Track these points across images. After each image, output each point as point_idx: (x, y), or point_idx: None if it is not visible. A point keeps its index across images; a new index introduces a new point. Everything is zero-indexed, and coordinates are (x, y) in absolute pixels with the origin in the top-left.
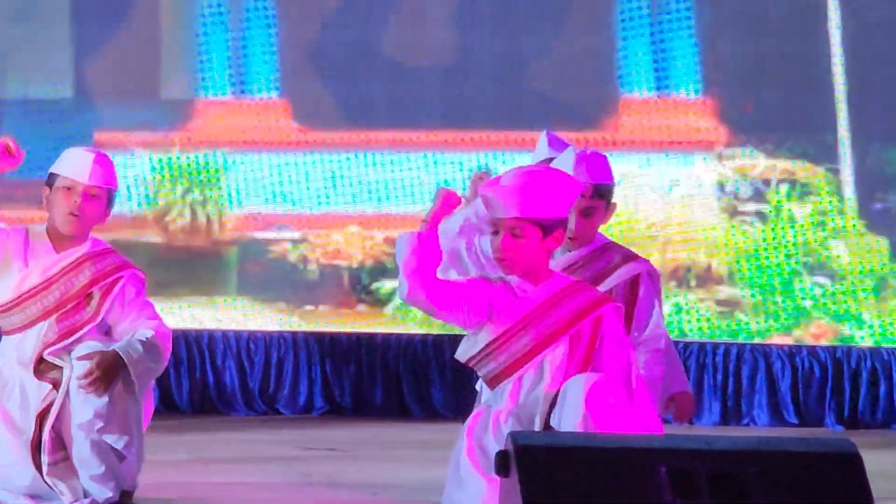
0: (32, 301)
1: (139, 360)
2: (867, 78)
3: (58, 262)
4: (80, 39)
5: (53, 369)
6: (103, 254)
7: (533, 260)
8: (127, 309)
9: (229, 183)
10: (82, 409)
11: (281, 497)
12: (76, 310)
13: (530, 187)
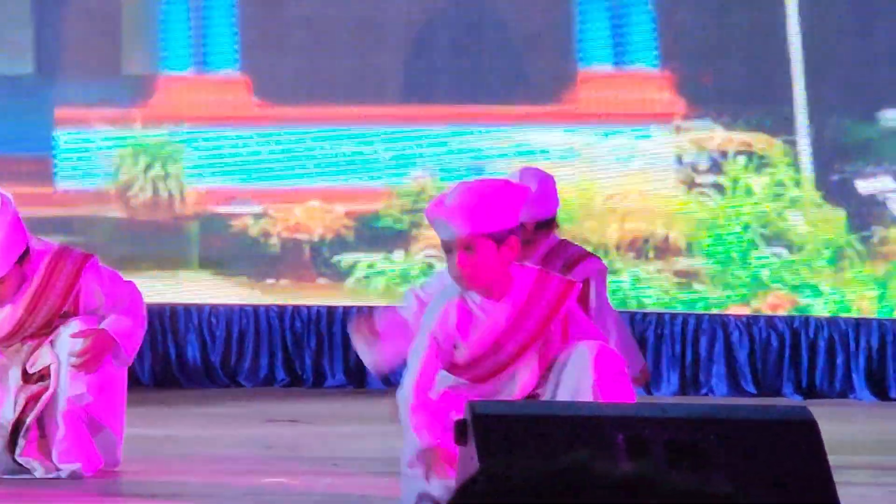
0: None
1: (129, 332)
2: (824, 50)
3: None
4: (41, 15)
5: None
6: (49, 277)
7: (491, 272)
8: (103, 298)
9: (191, 158)
10: (74, 384)
11: (244, 468)
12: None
13: (476, 202)
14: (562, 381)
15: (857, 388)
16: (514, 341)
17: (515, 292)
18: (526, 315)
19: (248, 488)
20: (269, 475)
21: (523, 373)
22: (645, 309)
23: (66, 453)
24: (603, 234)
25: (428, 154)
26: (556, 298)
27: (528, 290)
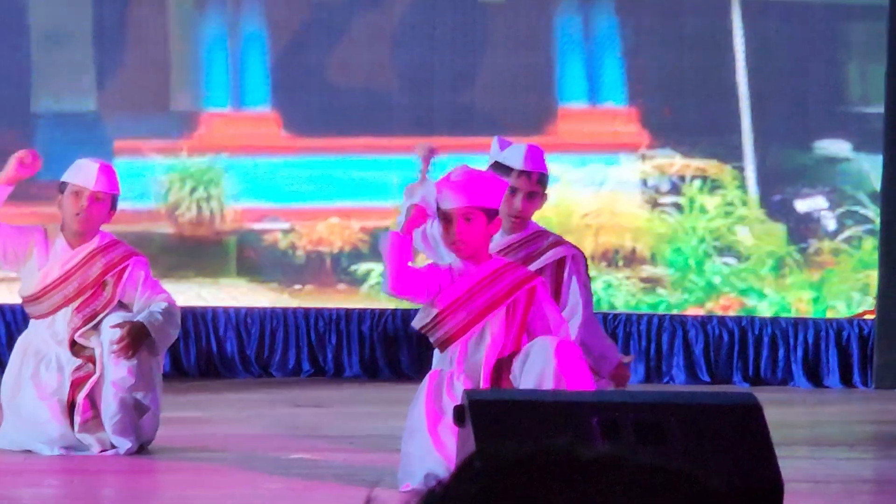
0: (55, 291)
1: (161, 328)
2: (767, 88)
3: (73, 256)
4: (102, 61)
5: (86, 348)
6: (111, 245)
7: (480, 242)
8: (141, 289)
9: (229, 182)
10: (116, 370)
11: (274, 445)
12: (94, 297)
13: (475, 181)
14: (526, 369)
15: (796, 377)
16: (482, 296)
17: (491, 262)
18: (496, 279)
19: (277, 462)
20: (296, 451)
21: (492, 329)
22: (615, 310)
23: (118, 431)
24: (580, 246)
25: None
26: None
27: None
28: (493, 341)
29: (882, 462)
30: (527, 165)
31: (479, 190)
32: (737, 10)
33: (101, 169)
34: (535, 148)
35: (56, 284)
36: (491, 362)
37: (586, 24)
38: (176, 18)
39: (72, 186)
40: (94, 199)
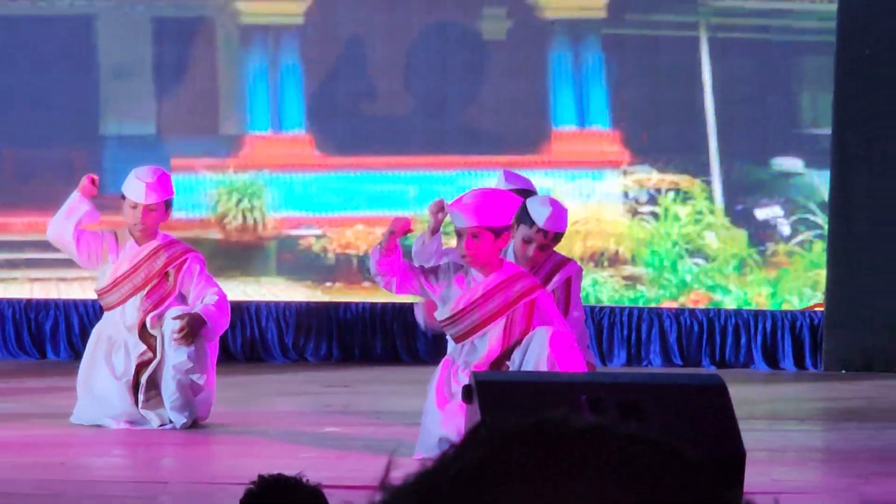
0: (125, 282)
1: (215, 318)
2: (731, 113)
3: (140, 252)
4: (160, 91)
5: (151, 336)
6: (172, 243)
7: (487, 256)
8: (196, 280)
9: (269, 195)
10: (177, 354)
11: (309, 420)
12: (159, 285)
13: (483, 203)
14: (526, 355)
15: (756, 361)
16: (485, 308)
17: (500, 273)
18: (498, 292)
19: (312, 434)
20: (328, 425)
21: (491, 336)
22: (601, 304)
23: (176, 408)
24: (571, 249)
25: (442, 191)
26: (524, 291)
27: (506, 276)
28: (492, 342)
29: (829, 433)
30: (547, 225)
31: (486, 211)
32: (705, 47)
33: (149, 186)
34: (560, 209)
35: (125, 276)
36: (490, 359)
37: (576, 58)
38: (223, 55)
39: (128, 200)
40: (147, 210)
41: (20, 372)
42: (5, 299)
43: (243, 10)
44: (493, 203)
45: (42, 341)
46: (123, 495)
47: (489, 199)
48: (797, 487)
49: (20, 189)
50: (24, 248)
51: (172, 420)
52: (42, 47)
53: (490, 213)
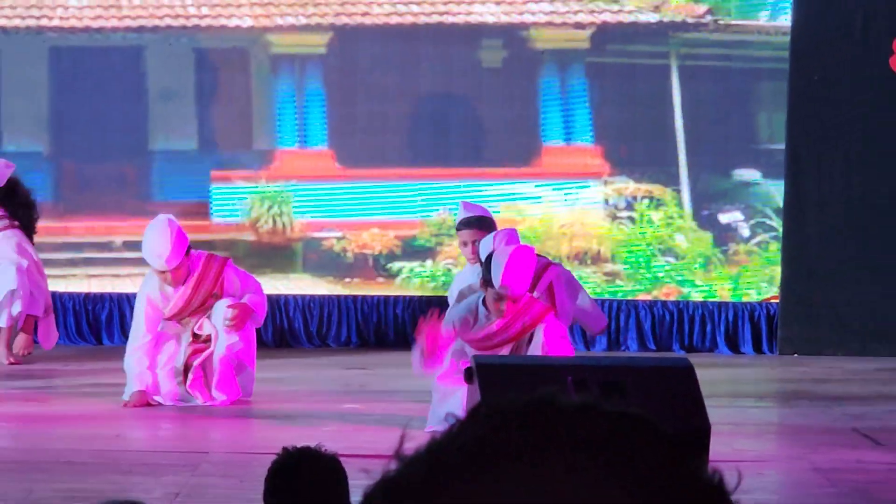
0: (179, 315)
1: (259, 307)
2: (698, 131)
3: (184, 291)
4: (201, 112)
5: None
6: (205, 269)
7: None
8: (239, 283)
9: (297, 202)
10: (229, 337)
11: (331, 399)
12: (209, 306)
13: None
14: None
15: (720, 346)
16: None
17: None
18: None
19: (333, 412)
20: (347, 403)
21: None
22: None
23: (219, 388)
24: (559, 249)
25: (446, 198)
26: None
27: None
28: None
29: (783, 409)
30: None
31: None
32: (675, 74)
33: (167, 258)
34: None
35: (180, 311)
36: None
37: (563, 83)
38: (256, 80)
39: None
40: (173, 271)
41: (80, 356)
42: (67, 293)
43: (273, 42)
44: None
45: (98, 329)
46: (170, 463)
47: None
48: (756, 456)
49: (80, 198)
50: (83, 248)
51: (215, 397)
52: (99, 74)
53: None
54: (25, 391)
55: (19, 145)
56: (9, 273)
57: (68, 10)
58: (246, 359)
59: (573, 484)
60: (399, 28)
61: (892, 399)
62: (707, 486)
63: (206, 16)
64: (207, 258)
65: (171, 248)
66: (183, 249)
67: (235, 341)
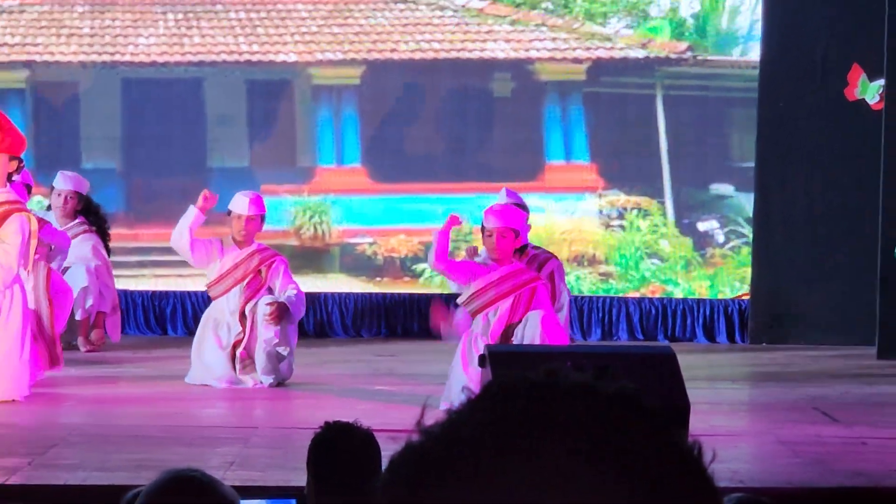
0: (228, 277)
1: (296, 307)
2: (680, 150)
3: (240, 254)
4: (252, 134)
5: (245, 319)
6: (264, 249)
7: (509, 251)
8: (281, 278)
9: (334, 212)
10: (266, 332)
11: (362, 381)
12: (254, 280)
13: (509, 212)
14: (525, 333)
15: (698, 336)
16: (500, 287)
17: (511, 266)
18: (510, 278)
19: (365, 391)
20: (377, 384)
21: (501, 310)
22: (582, 294)
23: (265, 372)
24: (560, 253)
25: (463, 209)
26: (528, 280)
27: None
28: (500, 316)
29: (754, 390)
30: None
31: (510, 217)
32: (660, 101)
33: (252, 200)
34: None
35: (229, 272)
36: (499, 329)
37: (564, 110)
38: (300, 107)
39: (234, 213)
40: (248, 220)
41: (148, 345)
42: (137, 291)
43: (315, 74)
44: (515, 212)
45: (164, 322)
46: (224, 437)
47: (512, 210)
48: (729, 431)
49: (148, 208)
50: (151, 252)
51: (262, 381)
52: (164, 102)
53: (513, 218)
54: (100, 375)
55: (96, 163)
56: (80, 272)
57: (138, 47)
58: (284, 349)
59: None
60: (422, 62)
61: (846, 381)
62: (688, 455)
63: (257, 52)
64: (269, 248)
65: (256, 198)
66: (262, 208)
67: (271, 336)
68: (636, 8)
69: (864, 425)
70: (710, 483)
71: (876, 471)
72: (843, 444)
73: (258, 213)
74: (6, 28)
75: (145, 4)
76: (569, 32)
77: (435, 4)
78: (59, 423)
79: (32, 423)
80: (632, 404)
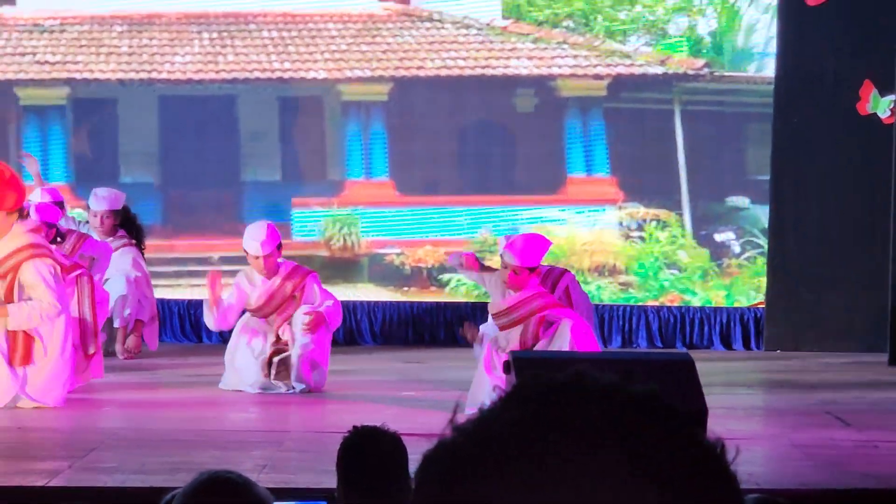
0: (266, 306)
1: (332, 318)
2: (697, 164)
3: (271, 286)
4: (284, 149)
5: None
6: (292, 272)
7: (522, 283)
8: (317, 294)
9: (363, 224)
10: (303, 339)
11: (391, 385)
12: (288, 306)
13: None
14: (554, 340)
15: (715, 343)
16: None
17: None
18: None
19: (393, 397)
20: (405, 389)
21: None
22: (603, 303)
23: (298, 379)
24: (581, 263)
25: (487, 221)
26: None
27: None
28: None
29: (768, 396)
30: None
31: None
32: (678, 116)
33: (262, 242)
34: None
35: (266, 303)
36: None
37: (585, 125)
38: (329, 123)
39: (250, 255)
40: (265, 258)
41: (183, 352)
42: (173, 300)
43: (343, 91)
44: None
45: (199, 330)
46: (258, 441)
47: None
48: (745, 434)
49: (184, 220)
50: (187, 262)
51: (295, 387)
52: (199, 118)
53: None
54: (138, 381)
55: (134, 177)
56: (120, 282)
57: (174, 65)
58: (320, 358)
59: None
60: (448, 79)
61: (858, 387)
62: (711, 454)
63: (288, 69)
64: (296, 267)
65: (266, 237)
66: (275, 242)
67: (308, 342)
68: (655, 26)
69: (875, 429)
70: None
71: (887, 473)
72: (855, 448)
73: (272, 250)
74: (48, 47)
75: (181, 24)
76: (589, 50)
77: (460, 23)
78: (98, 427)
79: (72, 428)
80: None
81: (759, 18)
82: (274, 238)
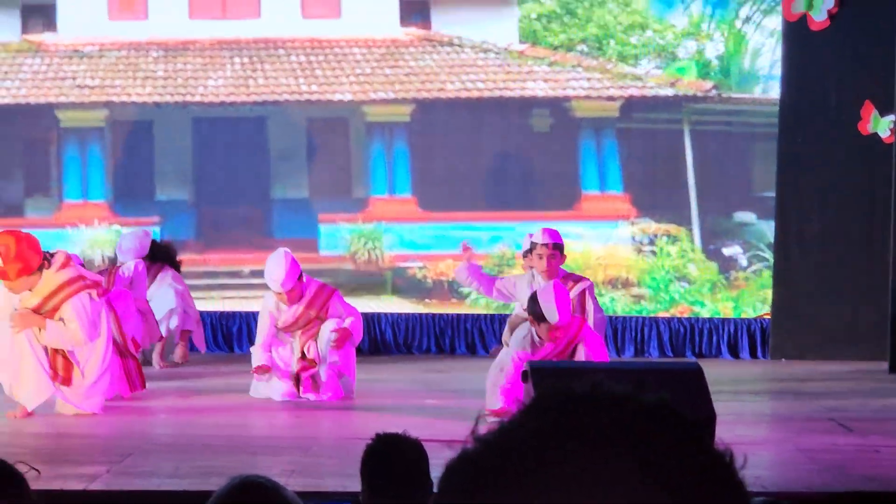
0: (292, 327)
1: (357, 331)
2: (706, 182)
3: (296, 311)
4: (311, 168)
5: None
6: (315, 295)
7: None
8: (341, 310)
9: (387, 239)
10: (331, 354)
11: (414, 394)
12: (313, 326)
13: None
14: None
15: (723, 353)
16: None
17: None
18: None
19: (416, 406)
20: (428, 398)
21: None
22: (616, 314)
23: (326, 390)
24: (595, 277)
25: (506, 236)
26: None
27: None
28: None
29: (774, 402)
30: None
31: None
32: (687, 136)
33: (283, 281)
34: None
35: (292, 325)
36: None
37: (598, 144)
38: (354, 142)
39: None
40: (288, 293)
41: (215, 361)
42: (206, 311)
43: (368, 112)
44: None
45: (231, 340)
46: (286, 446)
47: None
48: (751, 440)
49: (216, 236)
50: (219, 276)
51: (322, 396)
52: (231, 139)
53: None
54: (173, 389)
55: (169, 195)
56: (169, 295)
57: (207, 88)
58: (346, 370)
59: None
60: (467, 101)
61: (860, 394)
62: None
63: (315, 92)
64: (320, 287)
65: (286, 273)
66: (296, 276)
67: (336, 359)
68: (665, 50)
69: (877, 434)
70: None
71: (889, 476)
72: (858, 452)
73: (293, 284)
74: (87, 71)
75: (214, 50)
76: (602, 73)
77: (479, 47)
78: (136, 433)
79: (111, 434)
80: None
81: (765, 42)
82: (294, 272)
